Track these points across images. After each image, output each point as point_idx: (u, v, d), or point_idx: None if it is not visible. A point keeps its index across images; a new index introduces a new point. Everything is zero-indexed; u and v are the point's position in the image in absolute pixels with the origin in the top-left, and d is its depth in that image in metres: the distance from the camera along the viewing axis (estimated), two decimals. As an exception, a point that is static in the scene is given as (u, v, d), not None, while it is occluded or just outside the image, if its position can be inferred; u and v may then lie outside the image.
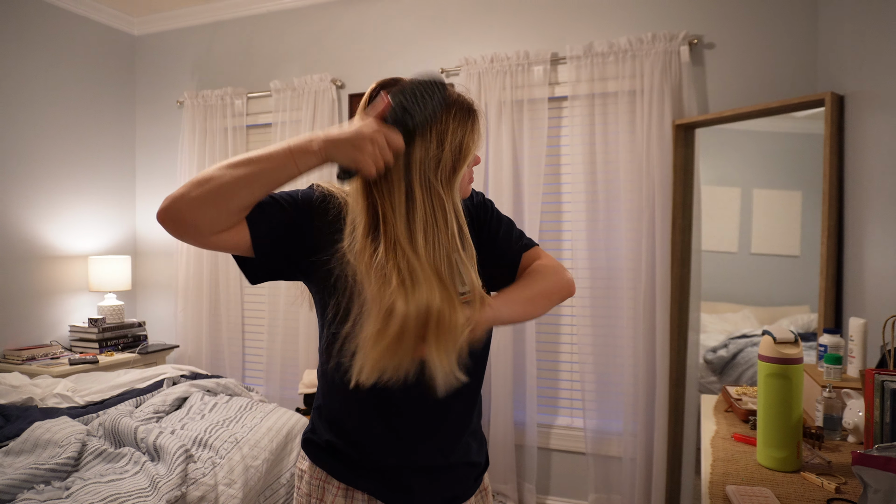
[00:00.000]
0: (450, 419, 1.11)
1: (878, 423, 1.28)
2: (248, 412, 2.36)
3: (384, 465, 1.08)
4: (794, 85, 2.45)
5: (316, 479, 1.09)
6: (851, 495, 1.18)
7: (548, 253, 1.30)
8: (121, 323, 3.36)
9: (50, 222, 3.32)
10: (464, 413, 1.13)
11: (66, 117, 3.41)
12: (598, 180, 2.71)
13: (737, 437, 1.53)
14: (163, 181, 3.74)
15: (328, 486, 1.08)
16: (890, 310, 1.70)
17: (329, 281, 1.00)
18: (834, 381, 1.61)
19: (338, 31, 3.29)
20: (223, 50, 3.57)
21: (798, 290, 2.36)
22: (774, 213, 2.47)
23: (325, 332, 1.06)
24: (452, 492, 1.13)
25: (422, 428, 1.08)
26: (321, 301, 1.06)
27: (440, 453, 1.10)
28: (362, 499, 1.07)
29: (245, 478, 2.00)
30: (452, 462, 1.12)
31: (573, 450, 2.84)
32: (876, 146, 1.88)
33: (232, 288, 3.45)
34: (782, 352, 1.29)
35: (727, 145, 2.57)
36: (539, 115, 2.81)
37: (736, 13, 2.55)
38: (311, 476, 1.09)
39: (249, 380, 3.52)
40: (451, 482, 1.12)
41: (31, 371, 2.90)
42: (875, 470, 0.97)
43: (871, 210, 1.91)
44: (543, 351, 2.91)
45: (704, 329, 2.58)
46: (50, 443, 1.99)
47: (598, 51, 2.67)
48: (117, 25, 3.70)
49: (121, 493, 1.72)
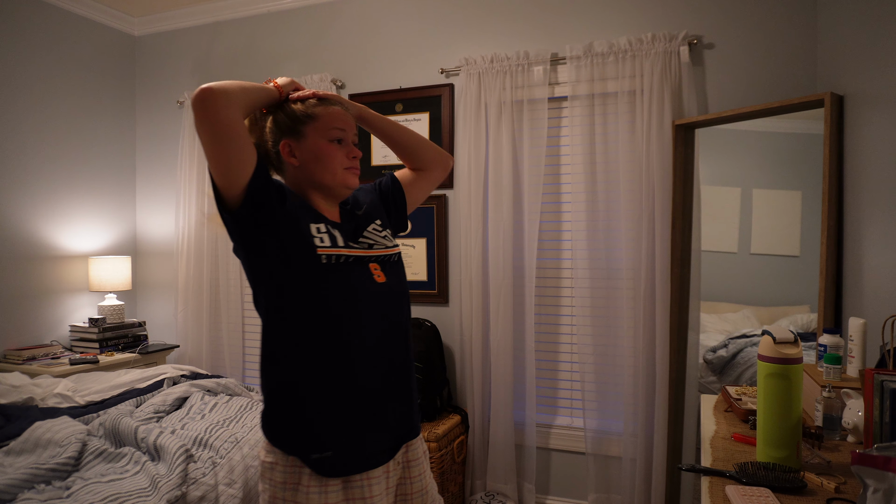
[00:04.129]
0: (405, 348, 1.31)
1: (878, 423, 1.28)
2: (248, 412, 2.36)
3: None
4: (794, 85, 2.45)
5: (290, 467, 1.15)
6: (851, 495, 1.18)
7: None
8: (121, 323, 3.36)
9: (50, 222, 3.32)
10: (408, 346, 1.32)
11: (67, 117, 3.42)
12: (598, 180, 2.71)
13: (737, 437, 1.53)
14: (163, 181, 3.75)
15: (302, 470, 1.14)
16: (889, 310, 1.70)
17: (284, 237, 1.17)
18: (833, 381, 1.61)
19: (338, 31, 3.29)
20: (223, 50, 3.57)
21: (798, 290, 2.36)
22: (774, 213, 2.47)
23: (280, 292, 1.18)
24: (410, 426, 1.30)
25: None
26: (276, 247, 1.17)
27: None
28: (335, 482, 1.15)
29: (245, 478, 2.00)
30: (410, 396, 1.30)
31: (573, 450, 2.84)
32: (876, 146, 1.89)
33: (232, 288, 3.45)
34: (782, 352, 1.29)
35: (727, 145, 2.57)
36: (539, 115, 2.81)
37: (736, 13, 2.55)
38: (284, 465, 1.15)
39: (249, 380, 3.52)
40: (411, 415, 1.29)
41: (32, 371, 2.90)
42: (874, 469, 0.98)
43: (870, 210, 1.91)
44: (543, 351, 2.91)
45: (704, 329, 2.58)
46: (50, 443, 1.99)
47: (598, 51, 2.67)
48: (117, 25, 3.70)
49: (121, 492, 1.72)
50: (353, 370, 1.18)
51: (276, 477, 1.15)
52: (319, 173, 1.24)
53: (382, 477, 1.20)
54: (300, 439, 1.15)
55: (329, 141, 1.23)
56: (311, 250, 1.16)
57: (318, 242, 1.17)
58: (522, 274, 2.85)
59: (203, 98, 1.06)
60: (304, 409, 1.16)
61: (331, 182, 1.25)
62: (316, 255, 1.16)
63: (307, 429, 1.15)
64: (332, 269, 1.17)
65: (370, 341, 1.20)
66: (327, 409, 1.16)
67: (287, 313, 1.18)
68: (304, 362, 1.17)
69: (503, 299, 2.83)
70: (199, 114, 1.07)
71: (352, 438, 1.17)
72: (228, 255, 3.45)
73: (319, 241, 1.18)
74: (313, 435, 1.15)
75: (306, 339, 1.17)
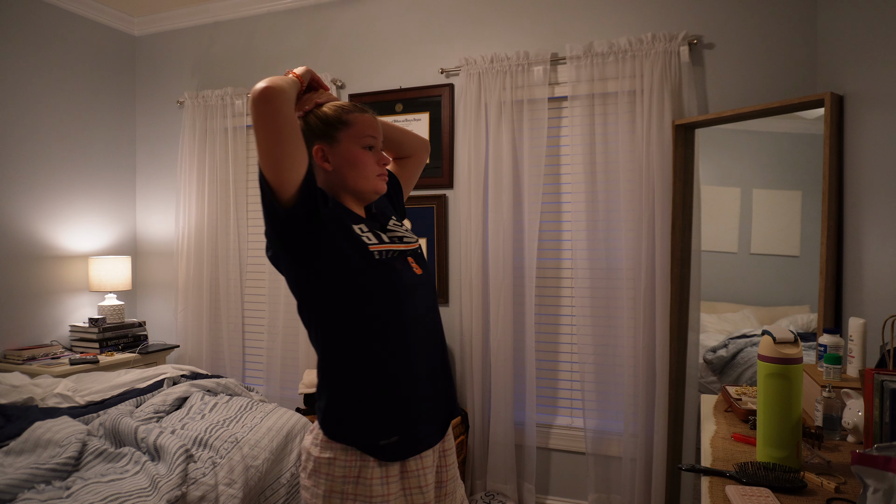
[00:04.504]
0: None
1: (878, 423, 1.29)
2: (248, 412, 2.36)
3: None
4: (793, 85, 2.45)
5: (351, 461, 1.18)
6: (851, 495, 1.18)
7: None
8: (121, 323, 3.36)
9: (50, 222, 3.32)
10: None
11: (67, 117, 3.42)
12: (598, 180, 2.71)
13: (737, 437, 1.53)
14: (163, 181, 3.75)
15: (364, 463, 1.18)
16: (889, 309, 1.70)
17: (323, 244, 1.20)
18: (833, 381, 1.61)
19: (338, 31, 3.29)
20: (223, 50, 3.57)
21: (798, 290, 2.36)
22: (774, 213, 2.47)
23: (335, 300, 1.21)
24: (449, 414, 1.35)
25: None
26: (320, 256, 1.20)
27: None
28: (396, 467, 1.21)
29: (245, 478, 2.00)
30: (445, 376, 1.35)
31: (573, 450, 2.84)
32: (875, 146, 1.89)
33: (232, 288, 3.45)
34: (782, 352, 1.29)
35: (727, 145, 2.57)
36: (539, 115, 2.81)
37: (736, 13, 2.55)
38: (346, 459, 1.18)
39: (249, 380, 3.52)
40: (449, 400, 1.34)
41: (32, 371, 2.90)
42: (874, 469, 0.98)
43: (870, 210, 1.91)
44: (543, 351, 2.91)
45: (704, 329, 2.58)
46: (50, 442, 1.99)
47: (598, 51, 2.67)
48: (117, 25, 3.70)
49: (121, 492, 1.73)
50: (408, 357, 1.24)
51: (335, 471, 1.18)
52: (353, 179, 1.28)
53: (432, 466, 1.28)
54: (368, 429, 1.19)
55: (362, 147, 1.28)
56: (364, 248, 1.21)
57: (366, 241, 1.23)
58: (522, 274, 2.85)
59: (268, 96, 1.09)
60: (368, 399, 1.20)
61: (364, 187, 1.29)
62: (369, 251, 1.21)
63: (373, 418, 1.20)
64: (383, 265, 1.23)
65: (419, 329, 1.27)
66: (389, 397, 1.21)
67: (343, 311, 1.21)
68: (363, 355, 1.21)
69: (503, 299, 2.83)
70: (264, 111, 1.10)
71: (412, 421, 1.23)
72: (228, 255, 3.45)
73: (367, 239, 1.23)
74: (380, 423, 1.20)
75: (364, 333, 1.21)
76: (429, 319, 1.31)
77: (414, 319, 1.26)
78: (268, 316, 3.33)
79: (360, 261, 1.20)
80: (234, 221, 3.46)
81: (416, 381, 1.25)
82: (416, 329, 1.26)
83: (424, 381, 1.27)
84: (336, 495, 1.17)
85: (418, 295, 1.28)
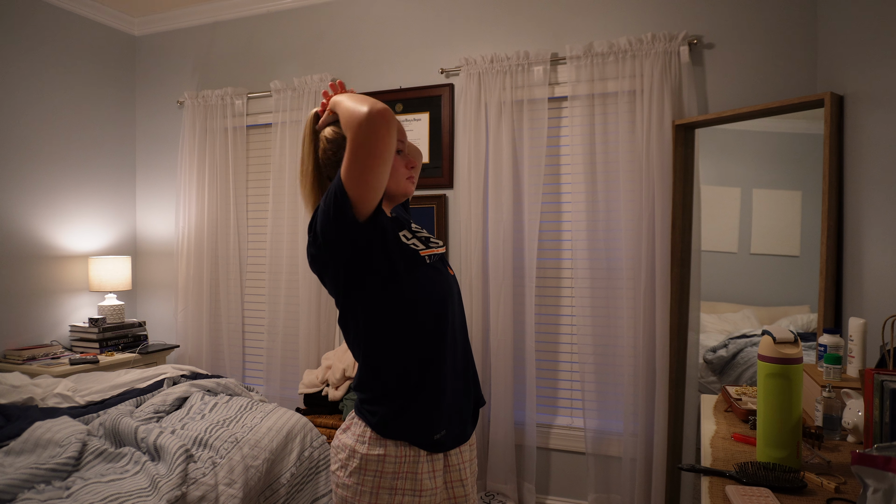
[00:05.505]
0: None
1: (878, 423, 1.28)
2: (248, 412, 2.36)
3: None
4: (794, 85, 2.45)
5: (402, 457, 1.22)
6: (851, 495, 1.18)
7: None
8: (121, 323, 3.36)
9: (50, 222, 3.33)
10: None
11: (67, 117, 3.42)
12: (598, 180, 2.71)
13: (737, 437, 1.53)
14: (163, 181, 3.75)
15: (416, 458, 1.22)
16: (889, 310, 1.70)
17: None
18: (833, 381, 1.61)
19: (338, 31, 3.29)
20: (223, 50, 3.57)
21: (798, 290, 2.36)
22: (774, 213, 2.47)
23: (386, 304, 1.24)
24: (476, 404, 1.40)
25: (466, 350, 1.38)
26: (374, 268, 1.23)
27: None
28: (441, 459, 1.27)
29: (245, 478, 2.00)
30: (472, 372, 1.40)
31: (573, 450, 2.84)
32: (875, 146, 1.89)
33: (232, 288, 3.45)
34: (782, 352, 1.29)
35: (727, 145, 2.57)
36: (539, 115, 2.81)
37: (736, 13, 2.55)
38: (396, 455, 1.21)
39: (249, 380, 3.52)
40: (475, 396, 1.40)
41: (32, 371, 2.90)
42: (874, 469, 0.98)
43: (870, 210, 1.91)
44: (543, 351, 2.91)
45: (704, 329, 2.58)
46: (50, 442, 1.99)
47: (597, 51, 2.67)
48: (117, 25, 3.70)
49: (121, 492, 1.73)
50: (451, 354, 1.29)
51: (386, 468, 1.21)
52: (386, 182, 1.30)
53: (469, 461, 1.36)
54: (422, 425, 1.24)
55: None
56: (414, 254, 1.27)
57: (414, 247, 1.27)
58: (522, 274, 2.85)
59: (388, 119, 1.12)
60: (421, 397, 1.24)
61: (395, 190, 1.32)
62: (421, 256, 1.27)
63: (426, 414, 1.24)
64: (432, 268, 1.29)
65: (456, 326, 1.33)
66: (438, 394, 1.26)
67: (394, 316, 1.24)
68: (413, 356, 1.25)
69: (503, 299, 2.83)
70: (377, 133, 1.12)
71: (455, 413, 1.30)
72: (228, 255, 3.45)
73: (414, 245, 1.28)
74: (432, 419, 1.24)
75: (415, 335, 1.25)
76: (460, 315, 1.38)
77: (453, 318, 1.31)
78: (268, 316, 3.33)
79: (412, 267, 1.24)
80: (234, 221, 3.46)
81: (457, 378, 1.31)
82: (455, 327, 1.32)
83: (461, 376, 1.33)
84: (385, 491, 1.20)
85: (454, 294, 1.35)
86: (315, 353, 3.20)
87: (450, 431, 1.27)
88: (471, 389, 1.37)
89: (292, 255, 3.27)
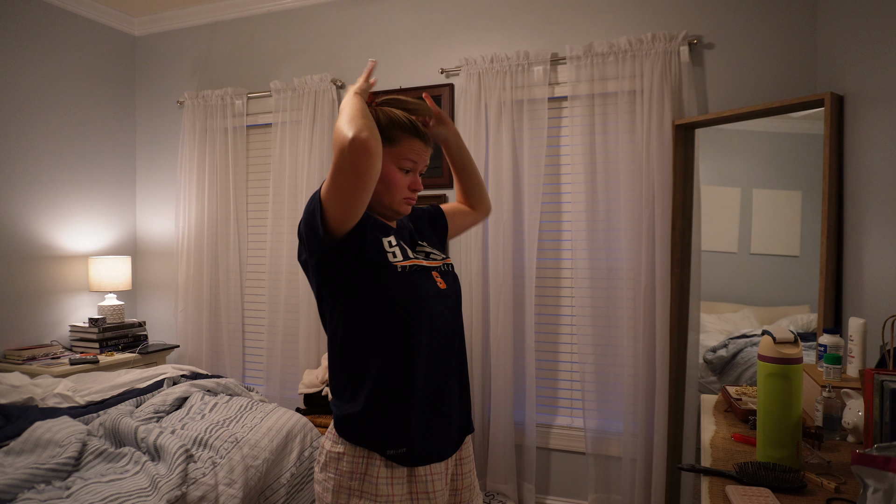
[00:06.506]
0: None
1: (878, 423, 1.29)
2: (248, 412, 2.36)
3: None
4: (793, 85, 2.45)
5: (358, 457, 1.19)
6: (851, 495, 1.18)
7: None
8: (121, 323, 3.36)
9: (50, 222, 3.32)
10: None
11: (67, 117, 3.42)
12: (598, 180, 2.71)
13: (737, 437, 1.53)
14: (163, 181, 3.75)
15: (371, 461, 1.19)
16: (889, 310, 1.70)
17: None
18: (833, 381, 1.61)
19: (337, 31, 3.29)
20: (223, 50, 3.57)
21: (798, 290, 2.36)
22: (774, 213, 2.47)
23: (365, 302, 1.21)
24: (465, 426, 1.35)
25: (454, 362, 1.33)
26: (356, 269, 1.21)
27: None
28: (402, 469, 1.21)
29: (245, 478, 2.00)
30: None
31: (573, 450, 2.84)
32: (875, 146, 1.89)
33: (232, 288, 3.45)
34: (782, 352, 1.29)
35: (727, 145, 2.57)
36: (539, 115, 2.81)
37: (736, 13, 2.55)
38: (354, 455, 1.19)
39: (249, 380, 3.52)
40: (465, 413, 1.35)
41: (32, 371, 2.90)
42: (874, 469, 0.98)
43: (870, 210, 1.91)
44: (543, 351, 2.91)
45: (704, 329, 2.58)
46: (50, 442, 1.99)
47: (597, 51, 2.67)
48: (117, 25, 3.70)
49: (121, 492, 1.73)
50: (426, 370, 1.23)
51: (342, 466, 1.19)
52: (380, 194, 1.28)
53: (443, 473, 1.27)
54: (376, 436, 1.19)
55: (398, 168, 1.28)
56: (386, 260, 1.22)
57: (391, 258, 1.23)
58: (522, 274, 2.85)
59: (372, 151, 1.09)
60: (379, 408, 1.20)
61: (388, 205, 1.29)
62: (391, 264, 1.22)
63: (383, 427, 1.20)
64: (407, 278, 1.23)
65: (438, 343, 1.26)
66: (399, 409, 1.20)
67: (361, 319, 1.22)
68: (377, 364, 1.21)
69: (503, 299, 2.83)
70: (361, 163, 1.09)
71: (420, 436, 1.22)
72: (228, 255, 3.45)
73: (392, 255, 1.23)
74: (388, 433, 1.20)
75: (380, 342, 1.21)
76: (449, 335, 1.29)
77: (431, 333, 1.24)
78: (268, 316, 3.33)
79: (382, 272, 1.21)
80: (234, 221, 3.46)
81: (430, 397, 1.24)
82: (433, 343, 1.24)
83: (439, 397, 1.26)
84: (343, 490, 1.19)
85: (440, 308, 1.27)
86: (315, 353, 3.20)
87: (414, 451, 1.20)
88: (455, 415, 1.30)
89: (292, 255, 3.27)
